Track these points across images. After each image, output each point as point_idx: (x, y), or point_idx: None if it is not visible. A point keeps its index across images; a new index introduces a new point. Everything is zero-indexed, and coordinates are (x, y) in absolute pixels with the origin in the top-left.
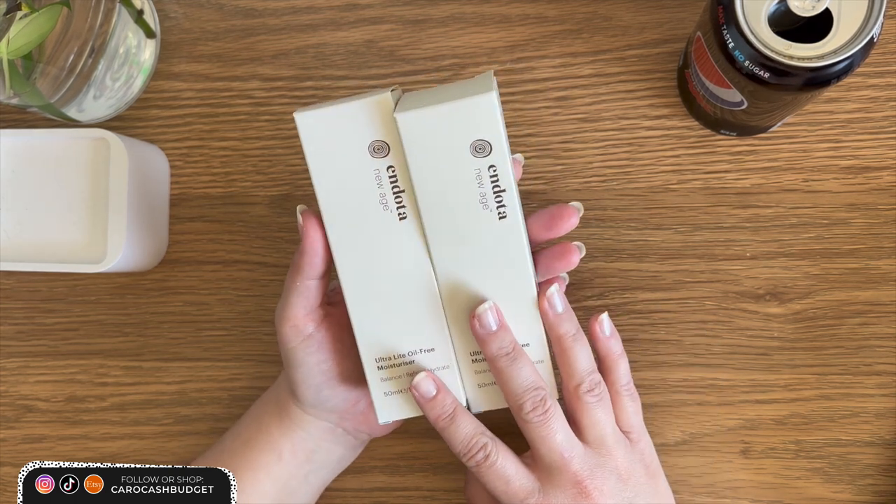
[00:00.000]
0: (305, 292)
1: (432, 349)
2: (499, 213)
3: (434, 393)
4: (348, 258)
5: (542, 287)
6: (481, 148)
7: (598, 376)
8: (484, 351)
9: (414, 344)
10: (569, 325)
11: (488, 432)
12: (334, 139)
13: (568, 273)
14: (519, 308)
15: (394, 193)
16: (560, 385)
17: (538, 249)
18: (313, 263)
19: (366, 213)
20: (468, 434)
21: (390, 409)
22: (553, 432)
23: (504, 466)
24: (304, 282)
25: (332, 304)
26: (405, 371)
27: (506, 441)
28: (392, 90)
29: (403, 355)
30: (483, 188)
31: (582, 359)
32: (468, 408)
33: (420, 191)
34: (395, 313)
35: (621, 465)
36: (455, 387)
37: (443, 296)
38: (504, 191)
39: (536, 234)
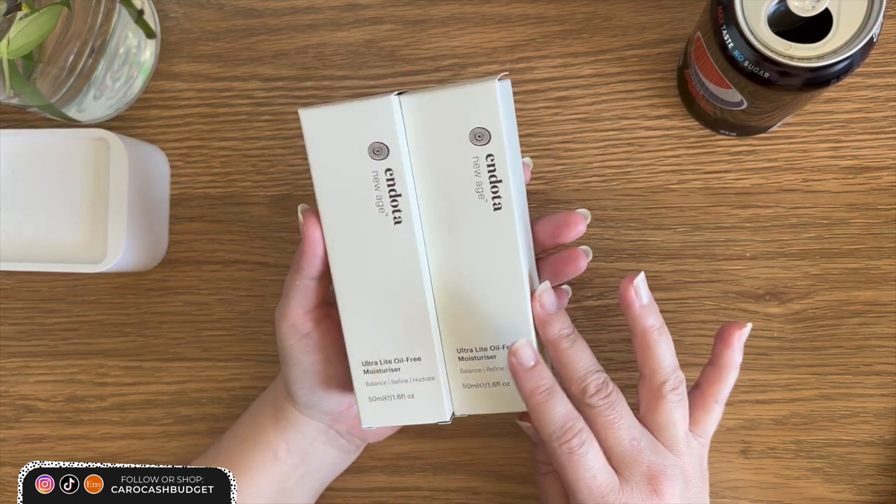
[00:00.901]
0: (305, 291)
1: (418, 359)
2: (494, 205)
3: (533, 363)
4: (342, 258)
5: (625, 284)
6: (480, 136)
7: (682, 375)
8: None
9: (401, 351)
10: (654, 318)
11: (581, 417)
12: (336, 138)
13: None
14: (509, 305)
15: (390, 197)
16: (639, 379)
17: (545, 256)
18: (312, 263)
19: (362, 214)
20: (564, 414)
21: (374, 415)
22: (617, 423)
23: (595, 457)
24: (303, 281)
25: (333, 305)
26: (390, 378)
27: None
28: (397, 93)
29: (390, 361)
30: (480, 177)
31: (667, 354)
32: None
33: (419, 176)
34: (384, 318)
35: (687, 468)
36: (438, 400)
37: (434, 286)
38: (500, 181)
39: (543, 240)
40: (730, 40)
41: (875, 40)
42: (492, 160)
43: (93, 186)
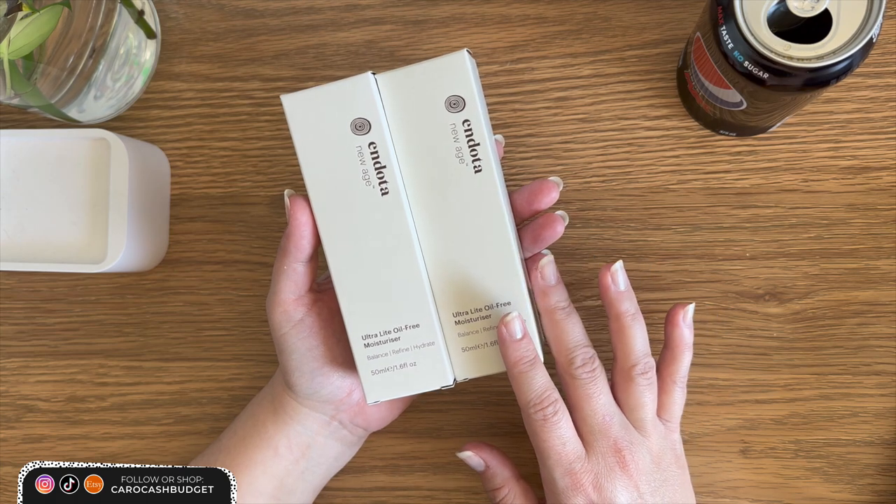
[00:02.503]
0: (294, 276)
1: (417, 325)
2: (474, 167)
3: (520, 336)
4: (335, 235)
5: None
6: (455, 103)
7: (653, 361)
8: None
9: (399, 320)
10: (629, 304)
11: (557, 390)
12: (318, 119)
13: (570, 277)
14: (499, 266)
15: (375, 169)
16: (612, 362)
17: (524, 225)
18: (300, 246)
19: (350, 189)
20: (543, 385)
21: (378, 389)
22: (595, 398)
23: (566, 427)
24: (291, 265)
25: (323, 291)
26: (391, 349)
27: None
28: (373, 73)
29: (389, 332)
30: (458, 142)
31: (639, 339)
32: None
33: (401, 149)
34: (380, 289)
35: (654, 449)
36: (439, 364)
37: (425, 253)
38: (479, 144)
39: (520, 209)
40: (729, 40)
41: (875, 41)
42: (468, 125)
43: (93, 186)
